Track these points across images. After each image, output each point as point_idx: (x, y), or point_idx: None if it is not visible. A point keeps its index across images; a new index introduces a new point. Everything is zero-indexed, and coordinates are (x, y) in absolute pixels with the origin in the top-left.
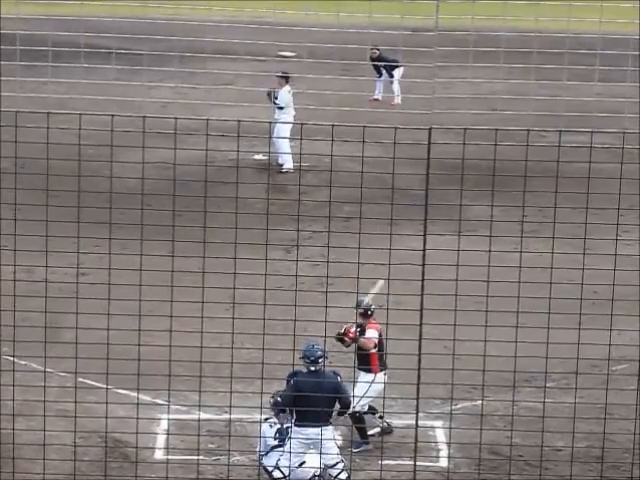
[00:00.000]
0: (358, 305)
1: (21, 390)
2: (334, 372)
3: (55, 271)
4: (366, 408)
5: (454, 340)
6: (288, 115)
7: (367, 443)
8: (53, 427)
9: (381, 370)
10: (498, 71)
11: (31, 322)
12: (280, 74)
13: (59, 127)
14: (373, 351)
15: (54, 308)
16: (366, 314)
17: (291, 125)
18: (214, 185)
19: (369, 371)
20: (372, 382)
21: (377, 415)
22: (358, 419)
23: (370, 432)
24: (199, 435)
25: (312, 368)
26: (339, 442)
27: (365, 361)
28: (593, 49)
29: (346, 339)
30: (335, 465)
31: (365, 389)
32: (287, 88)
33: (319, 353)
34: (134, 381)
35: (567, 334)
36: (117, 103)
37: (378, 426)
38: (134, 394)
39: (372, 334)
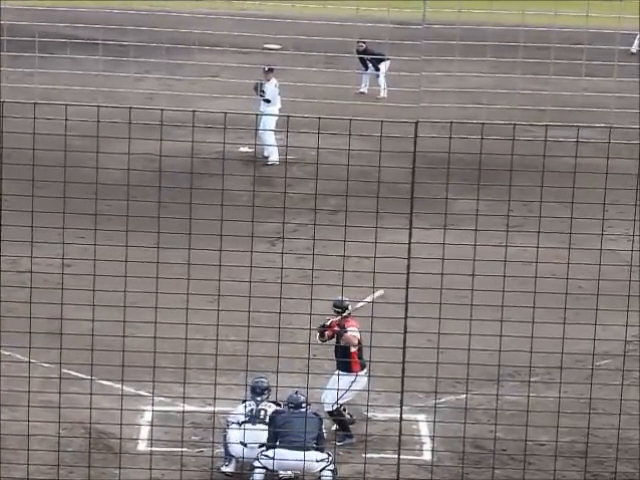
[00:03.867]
0: (335, 305)
1: (5, 381)
2: (315, 413)
3: (40, 262)
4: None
5: (439, 334)
6: (274, 108)
7: (350, 437)
8: (37, 418)
9: (362, 369)
10: (484, 65)
11: (15, 313)
12: (266, 67)
13: (45, 118)
14: (353, 350)
15: (39, 299)
16: (343, 313)
17: (277, 118)
18: (200, 177)
19: (350, 371)
20: (353, 382)
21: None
22: (337, 415)
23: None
24: (183, 427)
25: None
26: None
27: (345, 361)
28: (579, 44)
29: (327, 333)
30: (322, 470)
31: (345, 388)
32: (274, 81)
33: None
34: (118, 372)
35: (551, 329)
36: (103, 94)
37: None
38: (118, 385)
39: (354, 331)
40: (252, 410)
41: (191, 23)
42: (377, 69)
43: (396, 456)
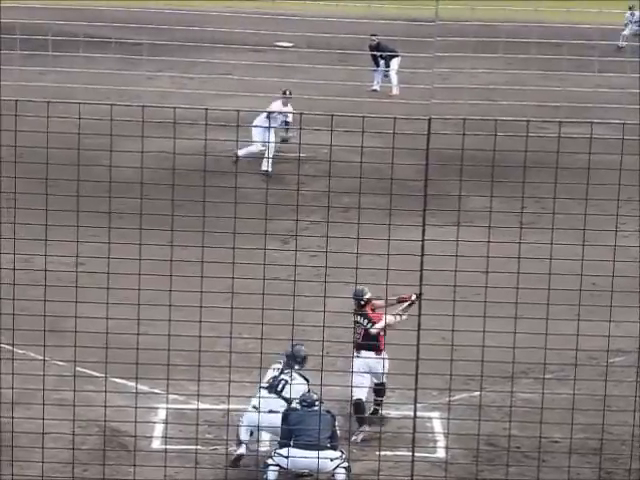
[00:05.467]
0: (356, 295)
1: (20, 379)
2: (328, 411)
3: (54, 260)
4: (367, 393)
5: (452, 331)
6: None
7: (366, 425)
8: (51, 416)
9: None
10: (497, 62)
11: (29, 311)
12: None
13: (58, 116)
14: (382, 333)
15: (53, 297)
16: (360, 303)
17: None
18: (212, 175)
19: (381, 350)
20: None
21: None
22: (359, 407)
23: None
24: (197, 425)
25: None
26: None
27: (377, 342)
28: (592, 40)
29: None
30: (336, 467)
31: (387, 365)
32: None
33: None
34: (132, 370)
35: (565, 325)
36: (116, 93)
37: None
38: (132, 383)
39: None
40: (275, 377)
41: (204, 21)
42: (387, 65)
43: (410, 454)
